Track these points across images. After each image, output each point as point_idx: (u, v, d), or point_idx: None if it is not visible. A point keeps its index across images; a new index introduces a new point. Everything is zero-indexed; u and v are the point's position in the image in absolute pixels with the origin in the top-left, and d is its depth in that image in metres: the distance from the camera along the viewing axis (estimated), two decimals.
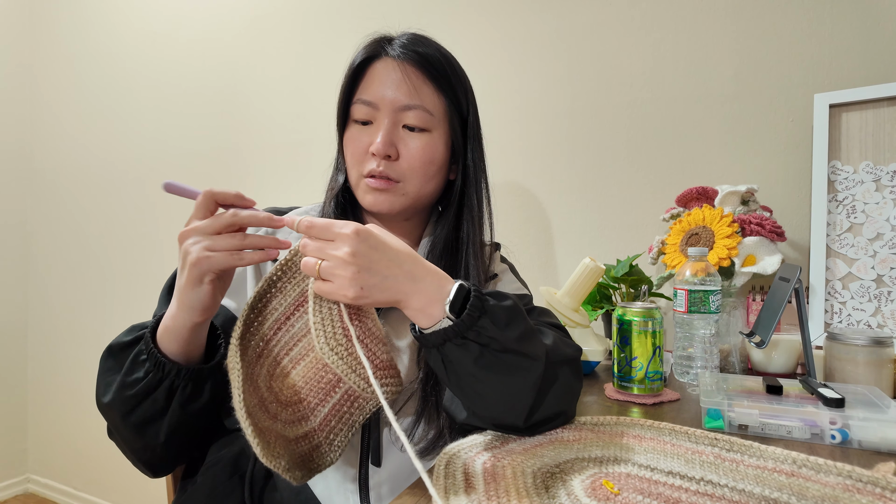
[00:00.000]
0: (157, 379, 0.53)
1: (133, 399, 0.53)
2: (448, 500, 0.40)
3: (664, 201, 1.09)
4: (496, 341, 0.47)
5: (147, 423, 0.55)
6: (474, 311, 0.46)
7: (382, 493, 0.61)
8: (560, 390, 0.53)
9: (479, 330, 0.46)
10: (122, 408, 0.54)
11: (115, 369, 0.55)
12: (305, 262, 0.47)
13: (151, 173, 1.82)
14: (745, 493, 0.41)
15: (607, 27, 1.16)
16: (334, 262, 0.45)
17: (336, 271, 0.45)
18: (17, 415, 2.11)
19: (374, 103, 0.66)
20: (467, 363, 0.47)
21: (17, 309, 2.11)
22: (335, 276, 0.45)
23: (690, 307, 0.74)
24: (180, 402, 0.55)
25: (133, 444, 0.57)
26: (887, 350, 0.66)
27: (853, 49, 0.95)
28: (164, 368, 0.53)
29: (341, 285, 0.45)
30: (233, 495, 0.59)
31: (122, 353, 0.56)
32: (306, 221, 0.47)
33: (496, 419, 0.52)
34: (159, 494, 1.80)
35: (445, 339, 0.46)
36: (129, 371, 0.54)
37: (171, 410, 0.54)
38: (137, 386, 0.53)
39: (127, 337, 0.56)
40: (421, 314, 0.47)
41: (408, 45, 0.66)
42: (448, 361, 0.48)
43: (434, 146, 0.67)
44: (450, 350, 0.47)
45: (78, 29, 1.99)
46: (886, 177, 0.86)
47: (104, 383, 0.56)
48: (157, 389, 0.53)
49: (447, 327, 0.46)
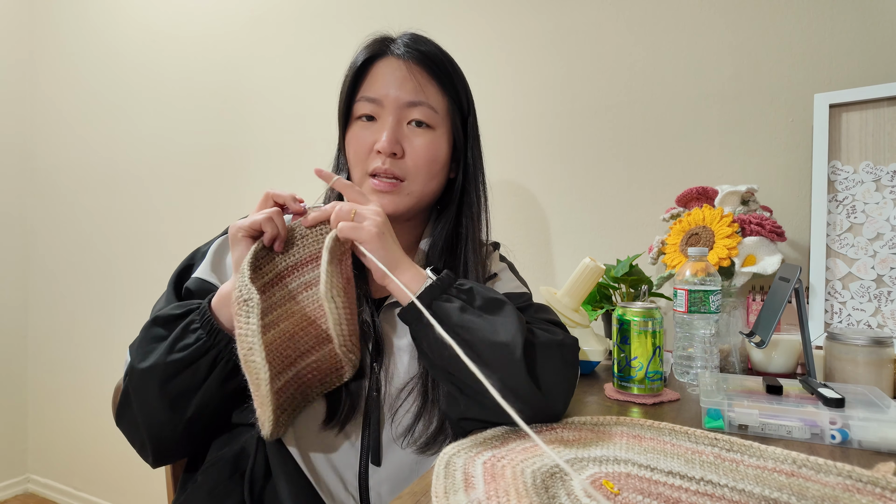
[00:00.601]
0: (206, 347, 0.55)
1: (177, 364, 0.54)
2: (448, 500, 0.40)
3: (664, 201, 1.09)
4: (474, 293, 0.55)
5: (181, 394, 0.56)
6: (451, 273, 0.57)
7: (382, 493, 0.61)
8: (550, 371, 0.54)
9: (459, 286, 0.56)
10: (164, 373, 0.55)
11: (160, 337, 0.56)
12: (340, 209, 0.56)
13: (152, 172, 1.82)
14: (745, 493, 0.41)
15: (607, 26, 1.16)
16: (369, 211, 0.56)
17: (369, 216, 0.56)
18: (17, 415, 2.11)
19: (378, 100, 0.66)
20: (454, 313, 0.53)
21: (17, 309, 2.11)
22: (367, 219, 0.55)
23: (690, 307, 0.74)
24: (219, 377, 0.56)
25: (156, 418, 0.57)
26: (887, 350, 0.66)
27: (853, 49, 0.95)
28: (216, 336, 0.55)
29: (371, 224, 0.55)
30: (233, 494, 0.59)
31: (171, 322, 0.57)
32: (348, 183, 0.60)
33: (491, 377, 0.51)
34: (159, 494, 1.79)
35: (432, 299, 0.54)
36: (180, 337, 0.56)
37: (206, 385, 0.56)
38: (185, 351, 0.54)
39: (176, 310, 0.58)
40: (407, 285, 0.55)
41: (411, 44, 0.67)
42: (438, 319, 0.52)
43: (438, 144, 0.68)
44: (437, 307, 0.53)
45: (79, 27, 1.99)
46: (886, 177, 0.86)
47: (144, 350, 0.56)
48: (203, 357, 0.55)
49: (431, 285, 0.55)
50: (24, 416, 2.14)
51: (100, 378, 1.92)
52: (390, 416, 0.63)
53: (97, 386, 1.91)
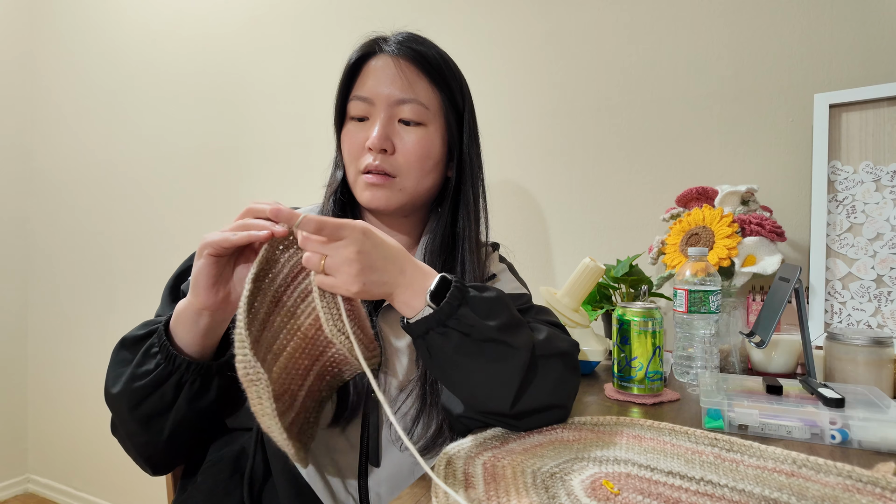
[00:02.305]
0: (167, 372, 0.53)
1: (141, 391, 0.54)
2: (448, 499, 0.40)
3: (664, 201, 1.09)
4: (476, 329, 0.49)
5: (153, 417, 0.55)
6: (454, 301, 0.49)
7: (382, 493, 0.61)
8: (550, 382, 0.54)
9: (459, 318, 0.48)
10: (130, 400, 0.54)
11: (126, 361, 0.56)
12: (308, 258, 0.48)
13: (152, 173, 1.82)
14: (745, 493, 0.41)
15: (607, 26, 1.16)
16: (340, 259, 0.47)
17: (342, 268, 0.47)
18: (17, 415, 2.11)
19: (369, 99, 0.66)
20: (448, 351, 0.49)
21: (17, 309, 2.11)
22: (340, 273, 0.47)
23: (690, 307, 0.74)
24: (187, 398, 0.55)
25: (137, 439, 0.57)
26: (887, 350, 0.66)
27: (853, 49, 0.95)
28: (174, 361, 0.53)
29: (346, 281, 0.47)
30: (233, 494, 0.59)
31: (134, 345, 0.56)
32: (316, 220, 0.47)
33: (481, 406, 0.53)
34: (159, 494, 1.79)
35: (428, 329, 0.49)
36: (140, 363, 0.54)
37: (177, 406, 0.55)
38: (147, 378, 0.53)
39: (140, 331, 0.57)
40: (406, 306, 0.50)
41: (403, 42, 0.67)
42: (432, 349, 0.50)
43: (430, 140, 0.67)
44: (432, 339, 0.49)
45: (78, 27, 1.99)
46: (886, 177, 0.86)
47: (114, 374, 0.56)
48: (165, 383, 0.54)
49: (428, 316, 0.49)
50: (24, 416, 2.14)
51: (100, 378, 1.92)
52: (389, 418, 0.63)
53: (97, 386, 1.91)
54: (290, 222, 0.48)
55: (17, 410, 2.11)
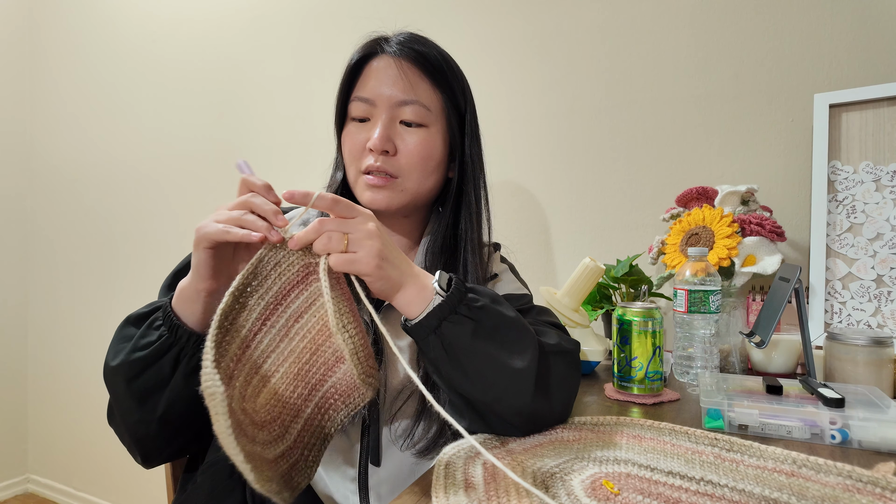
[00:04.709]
0: (168, 343, 0.53)
1: (141, 363, 0.54)
2: (448, 499, 0.40)
3: (664, 201, 1.09)
4: (486, 312, 0.50)
5: (148, 392, 0.55)
6: (461, 286, 0.51)
7: (382, 493, 0.61)
8: (556, 380, 0.54)
9: (469, 303, 0.50)
10: (129, 372, 0.54)
11: (129, 336, 0.56)
12: (328, 239, 0.48)
13: (152, 171, 1.82)
14: (745, 493, 0.41)
15: (607, 27, 1.16)
16: (362, 234, 0.48)
17: (365, 242, 0.48)
18: (17, 415, 2.11)
19: (371, 100, 0.66)
20: (464, 338, 0.49)
21: (18, 309, 2.11)
22: (362, 247, 0.47)
23: (690, 307, 0.74)
24: (184, 373, 0.54)
25: (130, 417, 0.56)
26: (887, 350, 0.66)
27: (853, 49, 0.95)
28: (176, 332, 0.53)
29: (368, 254, 0.47)
30: (233, 495, 0.59)
31: (140, 320, 0.56)
32: (331, 196, 0.47)
33: (501, 399, 0.51)
34: (159, 494, 1.79)
35: (441, 319, 0.49)
36: (143, 335, 0.54)
37: (173, 381, 0.54)
38: (148, 349, 0.53)
39: (146, 308, 0.57)
40: (413, 303, 0.50)
41: (404, 43, 0.67)
42: (447, 343, 0.49)
43: (431, 141, 0.67)
44: (446, 329, 0.49)
45: (79, 26, 1.99)
46: (886, 177, 0.86)
47: (115, 349, 0.56)
48: (165, 355, 0.54)
49: (440, 304, 0.49)
50: (24, 416, 2.14)
51: (100, 378, 1.91)
52: (389, 418, 0.63)
53: (97, 386, 1.91)
54: (304, 202, 0.48)
55: (17, 410, 2.11)
